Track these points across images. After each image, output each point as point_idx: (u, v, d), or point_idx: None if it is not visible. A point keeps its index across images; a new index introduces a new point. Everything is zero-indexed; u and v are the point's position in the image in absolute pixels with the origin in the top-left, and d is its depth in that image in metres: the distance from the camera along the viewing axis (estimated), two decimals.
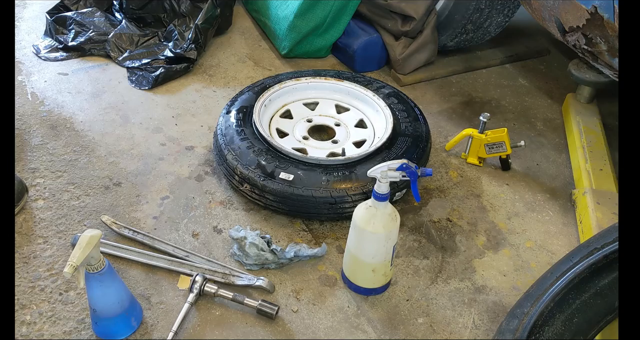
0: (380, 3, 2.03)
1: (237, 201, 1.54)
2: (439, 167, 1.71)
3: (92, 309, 1.16)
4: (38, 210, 1.47)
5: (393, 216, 1.22)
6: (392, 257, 1.27)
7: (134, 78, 1.98)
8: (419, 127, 1.60)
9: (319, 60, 2.16)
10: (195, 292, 1.26)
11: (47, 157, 1.64)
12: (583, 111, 1.86)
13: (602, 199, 1.51)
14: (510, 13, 2.04)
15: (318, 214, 1.44)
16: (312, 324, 1.26)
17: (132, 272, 1.34)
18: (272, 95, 1.67)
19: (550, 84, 2.12)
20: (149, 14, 2.20)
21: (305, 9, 2.00)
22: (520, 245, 1.48)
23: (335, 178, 1.42)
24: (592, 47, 1.45)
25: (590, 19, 1.38)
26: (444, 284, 1.37)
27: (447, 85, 2.09)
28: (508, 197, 1.62)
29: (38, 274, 1.32)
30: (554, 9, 1.51)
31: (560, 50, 2.29)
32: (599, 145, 1.71)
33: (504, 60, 2.22)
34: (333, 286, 1.34)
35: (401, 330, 1.26)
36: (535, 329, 1.06)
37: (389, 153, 1.49)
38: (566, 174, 1.71)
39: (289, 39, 2.07)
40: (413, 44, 2.03)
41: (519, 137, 1.72)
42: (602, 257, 1.10)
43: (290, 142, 1.59)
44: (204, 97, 1.94)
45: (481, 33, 2.09)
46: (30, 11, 2.31)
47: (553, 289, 1.10)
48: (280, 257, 1.34)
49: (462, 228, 1.51)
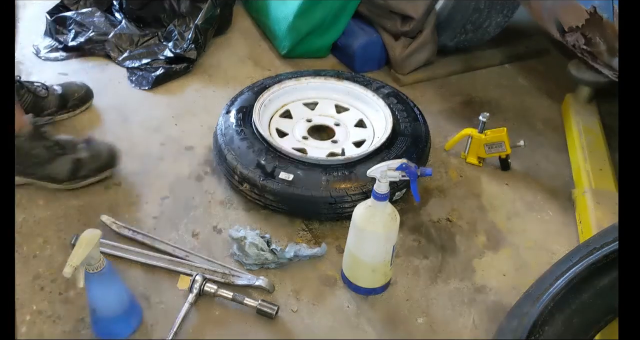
0: (380, 3, 2.03)
1: (236, 201, 1.54)
2: (438, 167, 1.71)
3: (91, 309, 1.16)
4: (38, 210, 1.47)
5: (393, 216, 1.22)
6: (391, 257, 1.27)
7: (133, 78, 1.98)
8: (418, 127, 1.60)
9: (319, 60, 2.16)
10: (195, 292, 1.26)
11: None
12: (582, 111, 1.86)
13: (602, 198, 1.51)
14: (509, 13, 2.04)
15: (318, 213, 1.44)
16: (312, 323, 1.26)
17: (132, 272, 1.34)
18: (272, 95, 1.67)
19: (549, 84, 2.12)
20: (148, 14, 2.19)
21: (305, 9, 2.00)
22: (520, 245, 1.48)
23: (335, 178, 1.42)
24: (592, 47, 1.45)
25: (590, 19, 1.38)
26: (443, 283, 1.37)
27: (447, 85, 2.09)
28: (508, 197, 1.62)
29: (38, 273, 1.32)
30: (553, 9, 1.51)
31: (560, 50, 2.29)
32: (598, 145, 1.71)
33: (504, 60, 2.22)
34: (333, 286, 1.34)
35: (401, 330, 1.26)
36: (535, 329, 1.06)
37: (388, 153, 1.49)
38: (566, 173, 1.71)
39: (288, 39, 2.07)
40: (413, 44, 2.03)
41: (519, 137, 1.72)
42: (602, 257, 1.10)
43: (290, 142, 1.59)
44: (204, 97, 1.94)
45: (481, 33, 2.09)
46: (30, 11, 2.31)
47: (553, 288, 1.10)
48: (280, 257, 1.35)
49: (462, 228, 1.52)
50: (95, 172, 1.50)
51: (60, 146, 1.48)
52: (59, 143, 1.49)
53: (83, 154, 1.50)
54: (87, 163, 1.49)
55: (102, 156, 1.52)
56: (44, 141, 1.46)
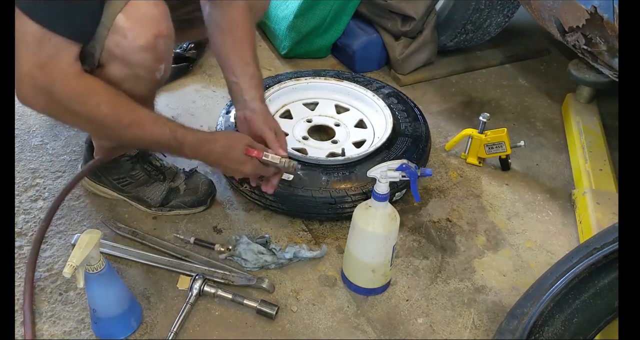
0: (380, 3, 2.03)
1: (237, 201, 1.54)
2: (438, 167, 1.71)
3: (91, 309, 1.16)
4: (38, 210, 1.47)
5: (393, 216, 1.22)
6: (391, 257, 1.27)
7: None
8: (418, 127, 1.60)
9: (319, 60, 2.16)
10: (195, 292, 1.26)
11: (47, 157, 1.64)
12: (583, 111, 1.86)
13: (602, 199, 1.51)
14: (509, 13, 2.04)
15: (318, 214, 1.44)
16: (312, 324, 1.26)
17: (132, 272, 1.34)
18: (272, 95, 1.67)
19: (550, 84, 2.12)
20: None
21: (305, 9, 2.00)
22: (520, 245, 1.48)
23: (335, 178, 1.42)
24: (592, 47, 1.45)
25: (590, 19, 1.38)
26: (443, 284, 1.37)
27: (447, 85, 2.09)
28: (508, 197, 1.62)
29: (38, 274, 1.32)
30: (554, 9, 1.51)
31: (560, 50, 2.29)
32: (598, 145, 1.71)
33: (504, 60, 2.23)
34: (333, 286, 1.34)
35: (401, 330, 1.26)
36: (535, 329, 1.06)
37: (388, 153, 1.49)
38: (566, 174, 1.71)
39: (288, 39, 2.07)
40: (413, 44, 2.03)
41: (519, 137, 1.72)
42: (602, 257, 1.10)
43: (290, 142, 1.58)
44: (204, 97, 1.94)
45: (481, 33, 2.09)
46: None
47: (553, 289, 1.10)
48: (279, 257, 1.35)
49: (462, 228, 1.52)
50: (187, 205, 1.47)
51: (161, 172, 1.47)
52: (160, 169, 1.48)
53: (181, 185, 1.48)
54: (182, 195, 1.47)
55: (198, 192, 1.48)
56: (146, 164, 1.45)
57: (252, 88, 1.32)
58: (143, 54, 1.06)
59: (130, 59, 1.07)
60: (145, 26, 1.04)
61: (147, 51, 1.06)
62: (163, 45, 1.08)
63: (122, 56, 1.06)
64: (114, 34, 1.03)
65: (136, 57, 1.07)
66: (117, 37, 1.03)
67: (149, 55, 1.07)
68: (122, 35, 1.03)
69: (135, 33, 1.04)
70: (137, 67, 1.09)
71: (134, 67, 1.09)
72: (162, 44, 1.08)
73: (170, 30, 1.09)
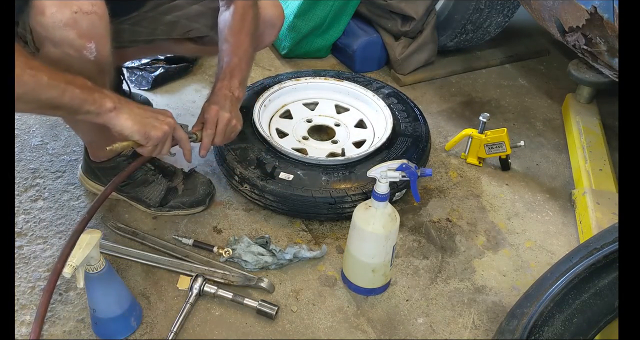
0: (380, 3, 2.03)
1: (237, 201, 1.54)
2: (438, 167, 1.71)
3: (91, 309, 1.16)
4: (38, 210, 1.47)
5: (393, 216, 1.22)
6: (391, 257, 1.27)
7: (133, 78, 1.98)
8: (418, 127, 1.60)
9: (319, 60, 2.16)
10: (195, 292, 1.26)
11: (47, 157, 1.64)
12: (583, 111, 1.86)
13: (602, 199, 1.51)
14: (509, 13, 2.04)
15: (318, 214, 1.44)
16: (312, 324, 1.26)
17: (132, 272, 1.34)
18: (272, 96, 1.67)
19: (550, 84, 2.12)
20: None
21: (305, 9, 2.00)
22: (520, 245, 1.48)
23: (335, 178, 1.42)
24: (592, 47, 1.45)
25: (590, 19, 1.37)
26: (443, 284, 1.37)
27: (447, 85, 2.09)
28: (508, 197, 1.62)
29: (38, 274, 1.32)
30: (554, 9, 1.51)
31: (560, 51, 2.29)
32: (598, 145, 1.71)
33: (504, 61, 2.23)
34: (333, 286, 1.34)
35: (401, 331, 1.26)
36: (535, 329, 1.06)
37: (388, 153, 1.50)
38: (566, 174, 1.71)
39: (288, 39, 2.08)
40: (413, 44, 2.03)
41: (519, 137, 1.72)
42: (602, 257, 1.10)
43: (290, 142, 1.59)
44: (204, 98, 1.91)
45: (481, 33, 2.09)
46: None
47: (553, 289, 1.10)
48: (279, 258, 1.35)
49: (462, 228, 1.52)
50: (185, 206, 1.47)
51: (159, 172, 1.47)
52: (158, 169, 1.47)
53: (179, 185, 1.48)
54: (180, 195, 1.47)
55: (196, 192, 1.48)
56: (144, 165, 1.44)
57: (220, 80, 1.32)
58: (63, 31, 1.05)
59: (54, 37, 1.05)
60: (63, 3, 1.03)
61: (67, 28, 1.04)
62: (85, 22, 1.06)
63: (47, 35, 1.05)
64: (35, 14, 1.02)
65: (58, 34, 1.05)
66: (38, 16, 1.03)
67: (70, 32, 1.05)
68: (41, 13, 1.02)
69: (53, 10, 1.02)
70: (63, 45, 1.06)
71: (60, 45, 1.06)
72: (84, 21, 1.05)
73: (95, 7, 1.07)
